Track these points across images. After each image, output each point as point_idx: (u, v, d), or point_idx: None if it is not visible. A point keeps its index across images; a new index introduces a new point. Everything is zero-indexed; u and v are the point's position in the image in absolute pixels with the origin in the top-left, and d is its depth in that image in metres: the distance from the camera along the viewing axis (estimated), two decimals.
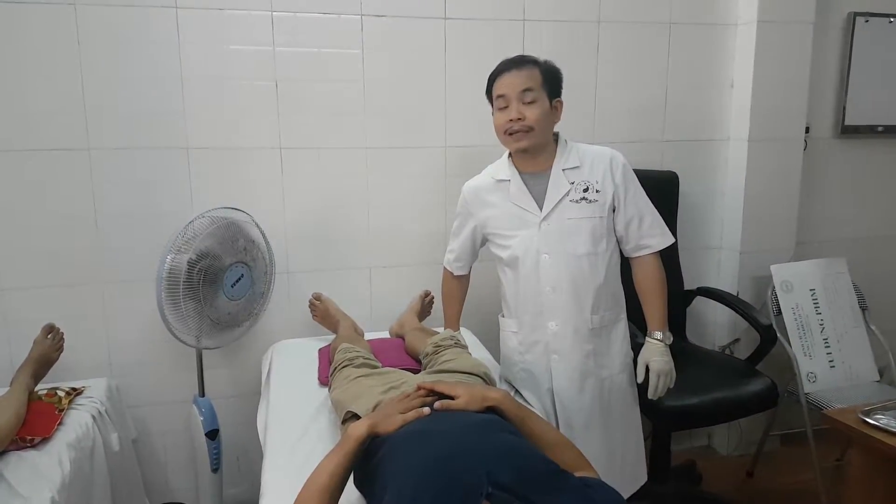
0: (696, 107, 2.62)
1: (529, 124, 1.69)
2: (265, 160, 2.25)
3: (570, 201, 1.74)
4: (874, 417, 1.64)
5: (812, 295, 2.52)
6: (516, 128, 1.70)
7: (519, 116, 1.69)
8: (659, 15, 2.50)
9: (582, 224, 1.74)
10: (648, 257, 1.81)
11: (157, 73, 2.11)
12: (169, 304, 1.91)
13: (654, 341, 1.79)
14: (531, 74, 1.70)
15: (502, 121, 1.72)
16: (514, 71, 1.71)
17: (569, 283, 1.75)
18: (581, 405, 1.81)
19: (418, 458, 1.07)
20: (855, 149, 2.83)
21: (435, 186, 2.41)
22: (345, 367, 1.71)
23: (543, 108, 1.70)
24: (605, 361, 1.82)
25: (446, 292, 2.10)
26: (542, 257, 1.76)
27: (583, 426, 1.81)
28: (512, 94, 1.69)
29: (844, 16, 2.69)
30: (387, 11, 2.25)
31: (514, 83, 1.69)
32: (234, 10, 2.14)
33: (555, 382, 1.82)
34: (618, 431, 1.87)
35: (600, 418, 1.83)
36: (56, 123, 2.06)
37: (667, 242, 1.82)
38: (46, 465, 1.62)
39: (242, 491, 2.39)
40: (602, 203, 1.75)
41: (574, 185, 1.75)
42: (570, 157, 1.78)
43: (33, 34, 2.00)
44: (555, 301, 1.77)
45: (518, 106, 1.69)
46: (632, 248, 1.82)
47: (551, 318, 1.79)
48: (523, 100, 1.69)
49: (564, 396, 1.81)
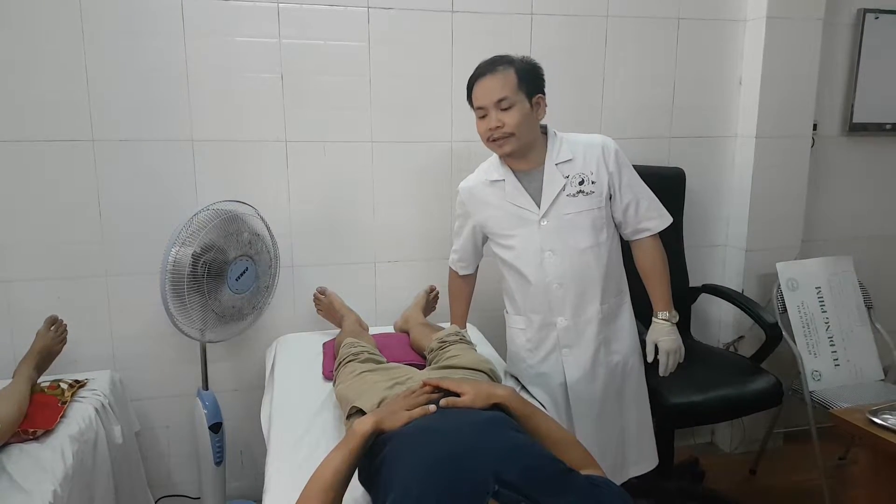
0: (704, 103, 2.60)
1: (509, 131, 1.68)
2: (270, 153, 2.24)
3: (567, 196, 1.74)
4: (881, 417, 1.63)
5: (818, 293, 2.51)
6: (497, 135, 1.70)
7: (498, 125, 1.68)
8: (667, 10, 2.48)
9: (581, 217, 1.74)
10: (648, 240, 1.82)
11: (162, 65, 2.10)
12: (173, 297, 1.91)
13: (660, 321, 1.81)
14: (506, 79, 1.67)
15: (483, 129, 1.72)
16: (488, 77, 1.69)
17: (575, 278, 1.76)
18: (593, 394, 1.83)
19: (424, 456, 1.06)
20: (862, 147, 2.81)
21: (441, 181, 2.39)
22: (350, 361, 1.70)
23: (523, 111, 1.69)
24: (616, 347, 1.84)
25: (453, 291, 2.10)
26: (545, 255, 1.77)
27: (597, 415, 1.83)
28: (488, 103, 1.68)
29: (854, 12, 2.67)
30: (394, 4, 2.24)
31: (488, 93, 1.68)
32: (240, 2, 2.12)
33: (567, 376, 1.83)
34: (631, 413, 1.89)
35: (614, 404, 1.86)
36: (61, 115, 2.06)
37: (665, 223, 1.83)
38: (49, 458, 1.62)
39: (246, 485, 2.39)
40: (599, 193, 1.75)
41: (569, 179, 1.75)
42: (561, 151, 1.77)
43: (38, 25, 1.99)
44: (563, 296, 1.78)
45: (496, 114, 1.68)
46: (631, 231, 1.83)
47: (560, 314, 1.80)
48: (500, 107, 1.68)
49: (578, 388, 1.82)
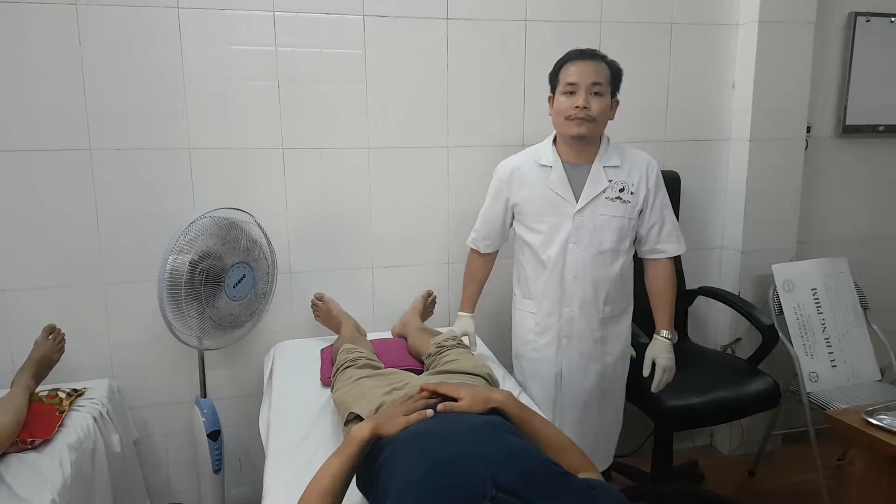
0: (698, 107, 2.61)
1: (593, 115, 1.78)
2: (267, 160, 2.25)
3: (606, 198, 1.85)
4: (877, 418, 1.63)
5: (814, 294, 2.52)
6: (580, 115, 1.78)
7: (585, 105, 1.77)
8: (660, 15, 2.50)
9: (612, 222, 1.85)
10: (664, 261, 1.95)
11: (159, 74, 2.11)
12: (171, 305, 1.91)
13: (661, 339, 1.94)
14: (601, 69, 1.80)
15: (567, 105, 1.80)
16: (587, 61, 1.80)
17: (590, 274, 1.87)
18: (584, 387, 1.95)
19: (421, 461, 1.06)
20: (856, 148, 2.83)
21: (438, 187, 2.40)
22: (347, 367, 1.70)
23: (607, 103, 1.81)
24: (610, 349, 1.96)
25: (470, 272, 2.14)
26: (569, 247, 1.87)
27: (581, 408, 1.96)
28: (583, 83, 1.78)
29: (845, 15, 2.69)
30: (389, 12, 2.25)
31: (587, 73, 1.78)
32: (236, 10, 2.13)
33: (564, 365, 1.94)
34: (609, 415, 2.03)
35: (598, 401, 1.98)
36: (58, 124, 2.06)
37: (681, 250, 1.97)
38: (47, 467, 1.61)
39: (245, 492, 2.39)
40: (634, 205, 1.87)
41: (612, 183, 1.86)
42: (612, 156, 1.88)
43: (35, 34, 2.00)
44: (574, 289, 1.89)
45: (586, 95, 1.77)
46: (647, 249, 1.95)
47: (567, 305, 1.90)
48: (592, 91, 1.78)
49: (570, 379, 1.94)
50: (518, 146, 2.24)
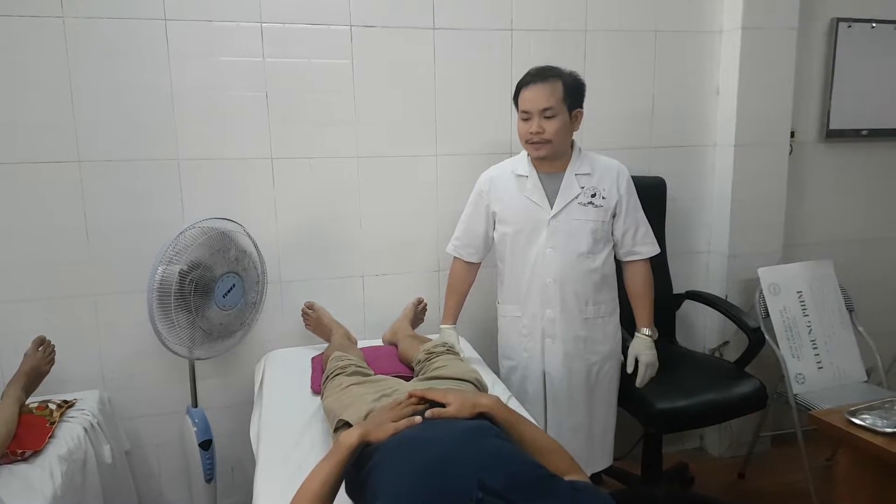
0: (683, 113, 2.65)
1: (548, 138, 1.88)
2: (256, 170, 2.26)
3: (579, 203, 1.95)
4: (860, 417, 1.66)
5: (799, 297, 2.55)
6: (536, 139, 1.89)
7: (539, 130, 1.87)
8: (644, 24, 2.53)
9: (586, 225, 1.95)
10: (640, 263, 2.06)
11: (147, 85, 2.12)
12: (160, 316, 1.92)
13: (643, 336, 2.05)
14: (554, 90, 1.87)
15: (524, 130, 1.92)
16: (539, 85, 1.87)
17: (568, 277, 1.96)
18: (569, 385, 2.02)
19: (410, 466, 1.08)
20: (840, 152, 2.86)
21: (426, 195, 2.42)
22: (337, 375, 1.71)
23: (563, 122, 1.89)
24: (595, 348, 2.03)
25: (453, 283, 2.18)
26: (547, 251, 1.96)
27: (567, 407, 2.03)
28: (534, 109, 1.87)
29: (827, 22, 2.73)
30: (376, 22, 2.27)
31: (536, 100, 1.87)
32: (224, 22, 2.15)
33: (547, 364, 2.02)
34: (599, 415, 2.08)
35: (585, 401, 2.05)
36: (46, 136, 2.07)
37: (655, 252, 2.08)
38: (38, 479, 1.61)
39: (237, 501, 2.39)
40: (606, 209, 1.96)
41: (584, 190, 1.96)
42: (583, 164, 1.98)
43: (22, 47, 2.01)
44: (554, 291, 1.97)
45: (539, 120, 1.87)
46: (625, 252, 2.05)
47: (549, 306, 1.99)
48: (544, 115, 1.87)
49: (555, 377, 2.02)
50: (506, 154, 2.27)
